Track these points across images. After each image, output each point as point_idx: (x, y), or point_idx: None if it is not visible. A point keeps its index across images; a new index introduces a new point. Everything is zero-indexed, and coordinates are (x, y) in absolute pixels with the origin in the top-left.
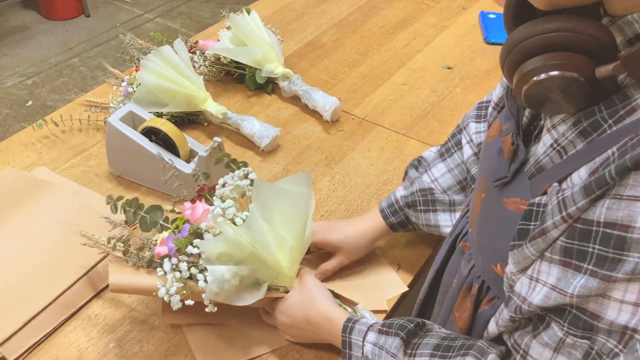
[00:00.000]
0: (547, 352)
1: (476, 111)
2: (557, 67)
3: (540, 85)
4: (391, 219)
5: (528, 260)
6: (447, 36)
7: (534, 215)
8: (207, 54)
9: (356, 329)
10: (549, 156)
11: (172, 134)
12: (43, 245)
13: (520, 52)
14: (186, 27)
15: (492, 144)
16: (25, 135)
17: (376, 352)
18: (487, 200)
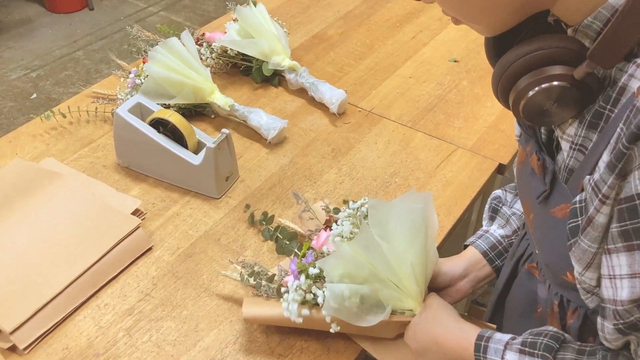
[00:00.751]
0: None
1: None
2: (541, 81)
3: (535, 99)
4: (498, 262)
5: (588, 253)
6: (453, 29)
7: (579, 211)
8: (214, 46)
9: (491, 348)
10: (573, 157)
11: (180, 126)
12: (52, 235)
13: (508, 77)
14: (190, 21)
15: (523, 169)
16: (33, 126)
17: None
18: (537, 218)
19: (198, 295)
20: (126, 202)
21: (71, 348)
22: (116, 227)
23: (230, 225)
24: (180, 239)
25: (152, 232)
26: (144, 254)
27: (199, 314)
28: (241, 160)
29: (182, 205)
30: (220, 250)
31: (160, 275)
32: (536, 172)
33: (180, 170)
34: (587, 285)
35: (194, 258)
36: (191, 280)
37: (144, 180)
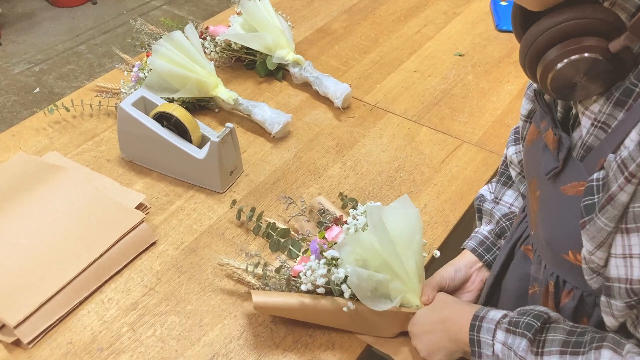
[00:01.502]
0: None
1: (513, 135)
2: (576, 51)
3: (564, 73)
4: (487, 256)
5: (603, 232)
6: (458, 23)
7: (596, 189)
8: (218, 39)
9: (484, 327)
10: (593, 135)
11: (184, 120)
12: (56, 229)
13: (538, 47)
14: (193, 15)
15: (533, 147)
16: (36, 120)
17: (505, 352)
18: (544, 196)
19: (202, 290)
20: (130, 196)
21: (75, 342)
22: (120, 222)
23: (234, 220)
24: (184, 233)
25: (156, 227)
26: (148, 248)
27: (203, 309)
28: (245, 154)
29: (186, 200)
30: (225, 244)
31: (164, 270)
32: (550, 148)
33: (184, 164)
34: (595, 265)
35: (198, 252)
36: (195, 275)
37: (148, 175)
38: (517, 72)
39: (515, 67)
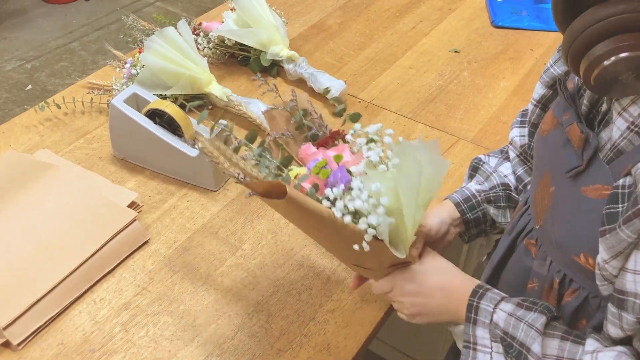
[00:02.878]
0: None
1: (520, 117)
2: (628, 48)
3: (611, 69)
4: (468, 214)
5: (623, 243)
6: (453, 19)
7: (620, 198)
8: (211, 35)
9: (488, 295)
10: (626, 139)
11: (177, 116)
12: (47, 228)
13: (586, 38)
14: (187, 11)
15: (551, 137)
16: (27, 117)
17: (511, 323)
18: (559, 193)
19: (195, 290)
20: (122, 195)
21: (66, 343)
22: (112, 220)
23: (228, 218)
24: (177, 232)
25: (149, 225)
26: (141, 247)
27: (196, 309)
28: None
29: (179, 198)
30: (218, 243)
31: (157, 269)
32: (574, 144)
33: (177, 162)
34: (608, 273)
35: (191, 252)
36: (188, 274)
37: (141, 172)
38: (512, 68)
39: (511, 63)
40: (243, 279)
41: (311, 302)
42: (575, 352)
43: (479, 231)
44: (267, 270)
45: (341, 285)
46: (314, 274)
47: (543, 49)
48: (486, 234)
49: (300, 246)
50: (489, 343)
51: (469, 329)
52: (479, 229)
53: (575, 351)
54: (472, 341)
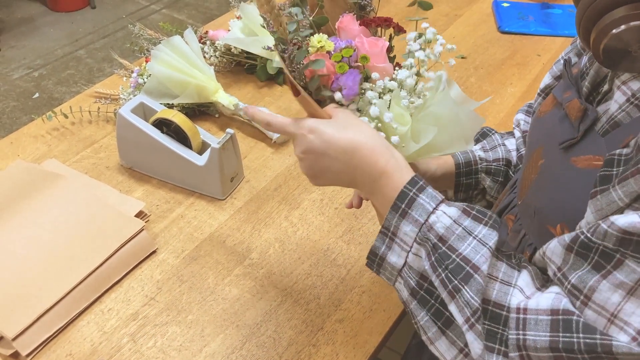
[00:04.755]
0: (616, 296)
1: (527, 107)
2: (638, 17)
3: (620, 38)
4: (463, 178)
5: (613, 206)
6: (460, 25)
7: (616, 162)
8: (218, 44)
9: (428, 191)
10: (625, 111)
11: (184, 126)
12: (54, 238)
13: (598, 7)
14: (192, 19)
15: (548, 116)
16: (34, 127)
17: (456, 232)
18: (548, 164)
19: (204, 299)
20: (129, 204)
21: (75, 354)
22: (119, 230)
23: (235, 227)
24: (184, 241)
25: (157, 235)
26: (148, 257)
27: (204, 319)
28: (246, 160)
29: (187, 207)
30: (226, 252)
31: (164, 279)
32: (571, 117)
33: (184, 171)
34: None
35: (199, 261)
36: (196, 284)
37: (148, 182)
38: (520, 74)
39: (518, 69)
40: (251, 288)
41: (319, 311)
42: (511, 275)
43: (466, 197)
44: (275, 279)
45: (349, 294)
46: (321, 283)
47: (550, 54)
48: (470, 201)
49: (307, 255)
50: (411, 242)
51: (394, 219)
52: (466, 195)
53: (511, 275)
54: (392, 231)
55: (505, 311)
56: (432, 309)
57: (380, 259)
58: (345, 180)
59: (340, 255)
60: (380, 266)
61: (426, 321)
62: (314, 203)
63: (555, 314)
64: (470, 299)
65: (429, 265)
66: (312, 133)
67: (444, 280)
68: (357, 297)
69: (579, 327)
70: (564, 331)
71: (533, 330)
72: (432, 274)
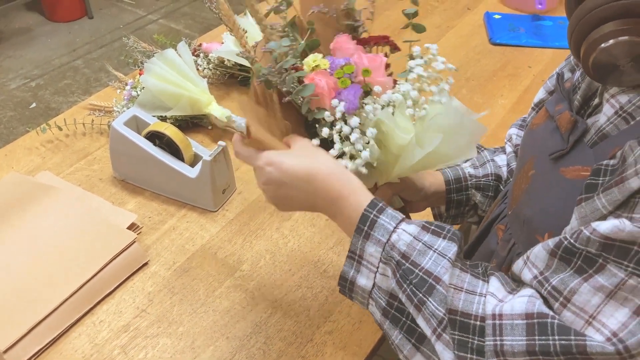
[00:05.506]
0: (597, 299)
1: (520, 121)
2: (628, 32)
3: (609, 52)
4: (454, 195)
5: (597, 213)
6: (452, 37)
7: (603, 172)
8: (211, 56)
9: (388, 212)
10: (613, 124)
11: (176, 138)
12: (46, 251)
13: (589, 21)
14: (190, 28)
15: (541, 129)
16: (29, 139)
17: (417, 248)
18: (538, 174)
19: (194, 311)
20: (122, 217)
21: None
22: (112, 242)
23: (227, 239)
24: (176, 253)
25: (149, 247)
26: (140, 268)
27: (195, 330)
28: (238, 172)
29: (179, 219)
30: (217, 264)
31: (156, 291)
32: (562, 129)
33: (176, 183)
34: None
35: (190, 273)
36: (187, 296)
37: (141, 194)
38: (510, 85)
39: (509, 80)
40: (241, 300)
41: (309, 323)
42: (475, 285)
43: (457, 213)
44: (266, 291)
45: (339, 306)
46: (312, 295)
47: (541, 65)
48: (462, 218)
49: (298, 267)
50: (377, 263)
51: (358, 242)
52: (458, 211)
53: (475, 284)
54: (359, 254)
55: (474, 320)
56: (404, 326)
57: (350, 283)
58: (306, 205)
59: (330, 266)
60: (352, 290)
61: (400, 339)
62: (305, 215)
63: (530, 318)
64: (435, 309)
65: (395, 282)
66: (271, 165)
67: (410, 295)
68: (347, 308)
69: (554, 329)
70: (539, 334)
71: (510, 336)
72: (399, 291)
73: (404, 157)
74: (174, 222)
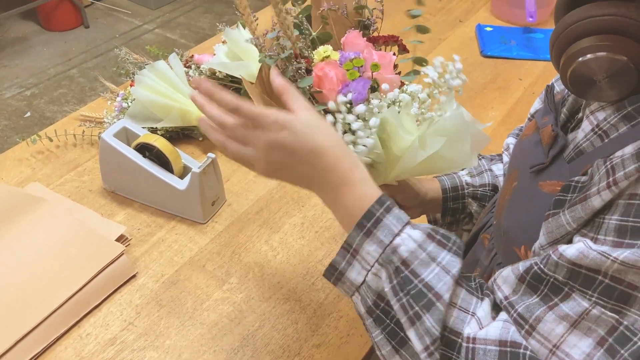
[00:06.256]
0: (560, 328)
1: (517, 130)
2: (606, 48)
3: (586, 67)
4: (450, 203)
5: (562, 230)
6: (443, 49)
7: (572, 189)
8: (203, 68)
9: (395, 212)
10: (589, 140)
11: (165, 150)
12: (34, 263)
13: (570, 34)
14: (185, 38)
15: (527, 140)
16: (19, 150)
17: (420, 257)
18: (519, 187)
19: (182, 324)
20: (111, 228)
21: None
22: (99, 255)
23: (215, 251)
24: (164, 265)
25: (137, 259)
26: (128, 281)
27: (182, 344)
28: (228, 183)
29: (168, 231)
30: (205, 277)
31: (143, 304)
32: (543, 143)
33: (165, 195)
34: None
35: (178, 285)
36: (175, 309)
37: (130, 205)
38: (501, 98)
39: (500, 92)
40: (229, 313)
41: (297, 336)
42: (469, 302)
43: (453, 221)
44: (254, 304)
45: (327, 319)
46: (300, 308)
47: (532, 78)
48: (458, 225)
49: (287, 279)
50: (373, 262)
51: (358, 237)
52: (453, 219)
53: (469, 301)
54: (355, 248)
55: (460, 338)
56: (387, 328)
57: (339, 273)
58: (305, 180)
59: (319, 279)
60: (339, 280)
61: (381, 339)
62: (295, 227)
63: (503, 345)
64: (431, 327)
65: (390, 288)
66: (284, 130)
67: (405, 306)
68: (335, 322)
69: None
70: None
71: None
72: (393, 297)
73: (405, 158)
74: (162, 234)
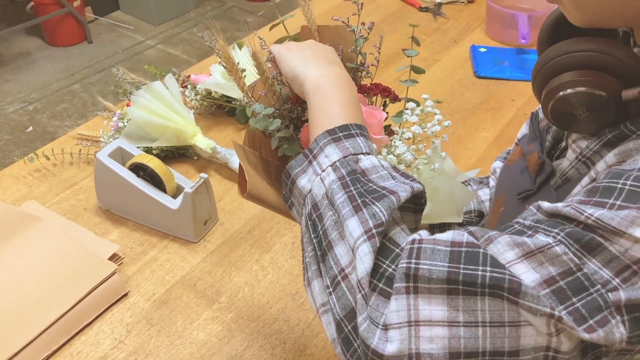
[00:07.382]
0: (511, 254)
1: (505, 154)
2: (586, 83)
3: (566, 101)
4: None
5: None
6: (437, 70)
7: None
8: (199, 88)
9: (369, 143)
10: (575, 168)
11: (159, 170)
12: (26, 281)
13: (552, 68)
14: (187, 54)
15: (513, 166)
16: (16, 168)
17: (381, 172)
18: (507, 212)
19: (171, 343)
20: (104, 247)
21: None
22: (92, 273)
23: (207, 271)
24: (156, 284)
25: (129, 277)
26: (120, 299)
27: None
28: (221, 202)
29: (160, 250)
30: (196, 296)
31: (134, 322)
32: (530, 170)
33: (158, 214)
34: None
35: (169, 304)
36: (165, 328)
37: (124, 224)
38: (493, 118)
39: (492, 113)
40: (218, 332)
41: (284, 356)
42: (408, 234)
43: None
44: (242, 323)
45: (315, 339)
46: (288, 328)
47: (524, 99)
48: None
49: (276, 299)
50: (326, 166)
51: (324, 139)
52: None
53: (408, 233)
54: (315, 153)
55: (399, 249)
56: (313, 242)
57: (292, 181)
58: (313, 62)
59: (308, 299)
60: (292, 192)
61: (310, 258)
62: (286, 246)
63: (457, 246)
64: (379, 212)
65: (340, 185)
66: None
67: (353, 196)
68: (322, 342)
69: (486, 260)
70: (466, 263)
71: (429, 260)
72: (339, 192)
73: None
74: (155, 253)
